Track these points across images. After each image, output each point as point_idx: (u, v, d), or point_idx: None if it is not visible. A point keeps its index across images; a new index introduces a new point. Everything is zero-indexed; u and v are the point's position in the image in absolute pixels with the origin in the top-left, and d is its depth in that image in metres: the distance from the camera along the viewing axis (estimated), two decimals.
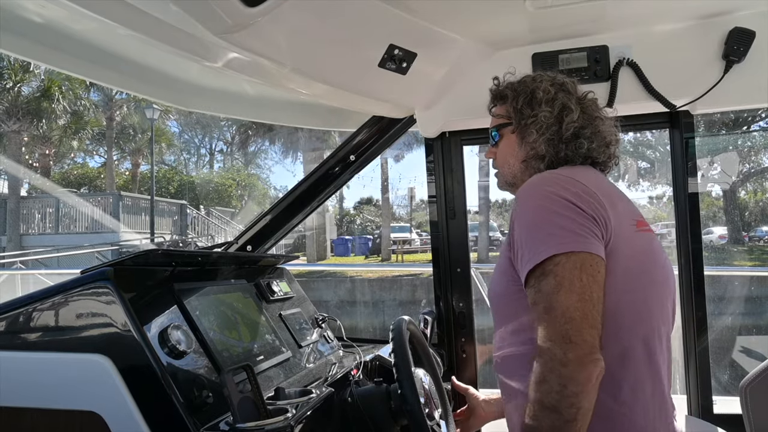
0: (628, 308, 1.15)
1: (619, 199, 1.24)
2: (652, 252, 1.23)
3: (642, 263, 1.19)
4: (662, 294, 1.23)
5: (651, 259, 1.22)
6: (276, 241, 2.31)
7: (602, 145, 1.36)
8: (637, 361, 1.16)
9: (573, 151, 1.35)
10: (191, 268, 1.56)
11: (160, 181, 27.76)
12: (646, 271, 1.20)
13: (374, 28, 1.71)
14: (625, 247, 1.15)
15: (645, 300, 1.18)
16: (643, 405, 1.15)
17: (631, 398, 1.14)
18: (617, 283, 1.12)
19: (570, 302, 1.04)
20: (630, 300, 1.15)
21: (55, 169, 26.63)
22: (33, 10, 1.60)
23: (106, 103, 24.52)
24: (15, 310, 1.26)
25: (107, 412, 1.15)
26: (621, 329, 1.14)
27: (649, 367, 1.17)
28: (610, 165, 1.41)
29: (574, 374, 1.00)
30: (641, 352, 1.16)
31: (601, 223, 1.12)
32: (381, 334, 8.27)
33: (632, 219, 1.22)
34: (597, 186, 1.20)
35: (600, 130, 1.37)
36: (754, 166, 20.35)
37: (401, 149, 25.72)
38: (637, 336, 1.16)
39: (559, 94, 1.38)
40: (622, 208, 1.21)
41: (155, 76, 2.04)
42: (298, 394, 1.37)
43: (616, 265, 1.13)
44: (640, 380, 1.16)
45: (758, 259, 18.32)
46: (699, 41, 1.85)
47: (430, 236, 2.29)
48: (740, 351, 5.65)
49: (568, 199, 1.13)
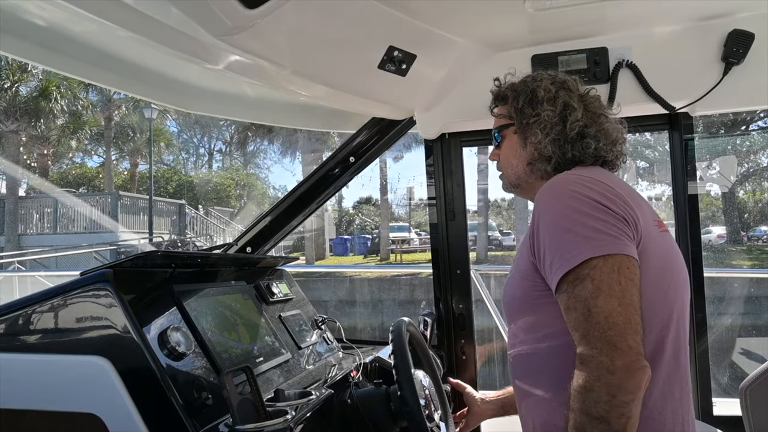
0: (658, 309, 1.13)
1: (640, 199, 1.22)
2: (673, 252, 1.23)
3: (667, 264, 1.17)
4: (683, 295, 1.22)
5: (673, 260, 1.21)
6: (275, 242, 2.31)
7: (609, 144, 1.34)
8: (666, 364, 1.13)
9: (580, 151, 1.32)
10: (191, 270, 1.56)
11: (158, 181, 27.74)
12: (670, 271, 1.18)
13: (374, 29, 1.71)
14: (654, 247, 1.13)
15: (672, 301, 1.16)
16: (672, 409, 1.13)
17: (661, 403, 1.11)
18: (649, 284, 1.09)
19: (611, 307, 1.01)
20: (661, 301, 1.13)
21: (53, 169, 26.62)
22: (33, 12, 1.60)
23: (105, 103, 24.50)
24: (14, 312, 1.26)
25: (107, 414, 1.15)
26: (652, 331, 1.11)
27: (676, 370, 1.15)
28: (618, 164, 1.39)
29: (623, 383, 0.97)
30: (669, 354, 1.14)
31: (631, 223, 1.10)
32: (380, 334, 8.26)
33: (654, 219, 1.21)
34: (620, 186, 1.18)
35: (605, 127, 1.34)
36: (753, 166, 20.38)
37: (400, 150, 25.77)
38: (667, 338, 1.13)
39: (560, 92, 1.35)
40: (646, 209, 1.20)
41: (155, 78, 2.04)
42: (298, 395, 1.37)
43: (648, 266, 1.10)
44: (668, 384, 1.13)
45: (757, 258, 18.33)
46: (698, 43, 1.85)
47: (430, 238, 2.29)
48: (740, 353, 5.66)
49: (597, 199, 1.10)
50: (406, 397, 1.33)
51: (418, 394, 1.36)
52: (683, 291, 1.23)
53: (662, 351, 1.13)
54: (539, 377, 1.25)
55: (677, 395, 1.15)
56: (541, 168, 1.38)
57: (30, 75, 20.80)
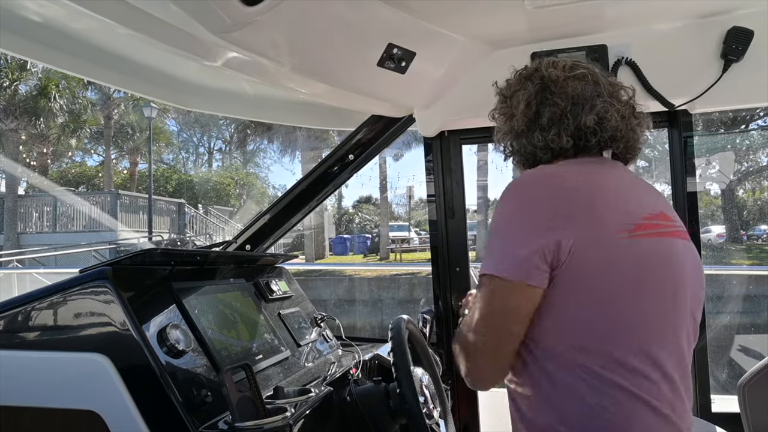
0: (610, 322, 1.09)
1: (612, 201, 1.14)
2: (653, 257, 1.12)
3: (629, 271, 1.09)
4: (668, 302, 1.13)
5: (650, 265, 1.11)
6: (275, 240, 2.31)
7: (578, 129, 1.22)
8: (635, 373, 1.08)
9: (555, 143, 1.24)
10: (190, 268, 1.56)
11: (158, 180, 27.71)
12: (639, 278, 1.10)
13: (373, 27, 1.71)
14: (603, 257, 1.08)
15: (641, 309, 1.10)
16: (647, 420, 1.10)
17: (632, 414, 1.09)
18: (586, 297, 1.08)
19: (480, 324, 1.13)
20: (609, 313, 1.09)
21: (53, 168, 26.58)
22: (32, 9, 1.60)
23: (104, 102, 24.44)
24: (14, 309, 1.26)
25: (106, 411, 1.15)
26: (608, 342, 1.09)
27: (652, 382, 1.10)
28: (608, 147, 1.26)
29: (471, 383, 1.21)
30: (640, 364, 1.09)
31: (548, 246, 1.07)
32: (380, 332, 8.26)
33: (626, 224, 1.10)
34: (577, 191, 1.12)
35: (565, 109, 1.23)
36: (753, 164, 20.38)
37: (400, 148, 25.75)
38: (630, 348, 1.09)
39: (526, 83, 1.31)
40: (611, 216, 1.11)
41: (154, 75, 2.04)
42: (297, 393, 1.38)
43: (587, 278, 1.08)
44: (640, 394, 1.09)
45: (756, 257, 18.33)
46: (697, 40, 1.85)
47: (429, 235, 2.29)
48: (738, 350, 5.67)
49: (524, 215, 1.12)
50: (406, 394, 1.33)
51: (417, 392, 1.36)
52: (669, 298, 1.14)
53: (625, 362, 1.09)
54: (515, 374, 1.21)
55: (660, 406, 1.10)
56: (520, 163, 1.34)
57: (29, 73, 20.76)
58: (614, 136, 1.23)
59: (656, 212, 1.17)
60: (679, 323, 1.15)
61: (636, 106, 1.28)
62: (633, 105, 1.27)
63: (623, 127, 1.24)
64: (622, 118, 1.23)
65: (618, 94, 1.26)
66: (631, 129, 1.25)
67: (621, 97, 1.26)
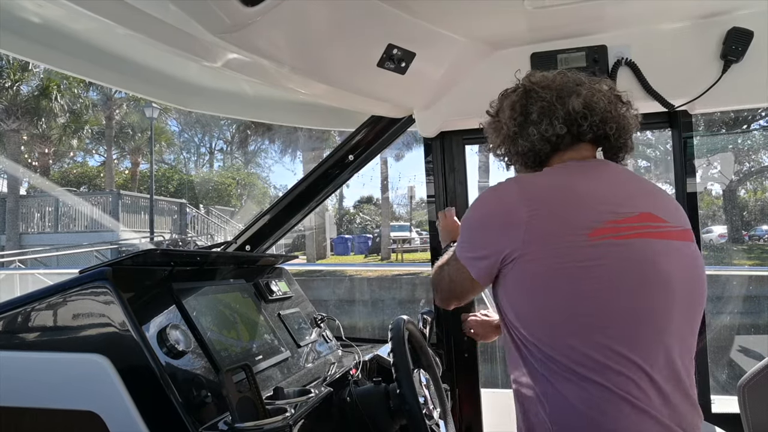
0: (566, 318, 1.15)
1: (574, 208, 1.18)
2: (620, 257, 1.15)
3: (587, 272, 1.14)
4: (640, 302, 1.14)
5: (614, 266, 1.14)
6: (275, 240, 2.31)
7: (567, 114, 1.28)
8: (607, 369, 1.11)
9: (549, 132, 1.29)
10: (190, 268, 1.56)
11: (159, 180, 27.73)
12: (600, 278, 1.13)
13: (373, 27, 1.71)
14: (560, 259, 1.15)
15: (596, 310, 1.14)
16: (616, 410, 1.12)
17: (605, 405, 1.13)
18: (542, 296, 1.17)
19: (449, 281, 1.42)
20: (566, 311, 1.15)
21: (54, 168, 26.62)
22: (31, 9, 1.60)
23: (105, 102, 24.48)
24: (13, 309, 1.26)
25: (106, 411, 1.15)
26: (570, 338, 1.14)
27: (629, 379, 1.11)
28: (602, 132, 1.30)
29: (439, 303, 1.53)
30: (608, 360, 1.11)
31: (491, 252, 1.23)
32: (380, 333, 8.27)
33: (587, 227, 1.14)
34: (535, 201, 1.19)
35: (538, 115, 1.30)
36: (754, 165, 20.36)
37: (400, 149, 25.75)
38: (596, 344, 1.13)
39: (510, 95, 1.41)
40: (569, 222, 1.16)
41: (154, 76, 2.04)
42: (297, 393, 1.38)
43: (540, 272, 1.16)
44: (615, 390, 1.11)
45: (758, 258, 18.30)
46: (697, 41, 1.85)
47: (429, 236, 2.29)
48: (738, 350, 5.66)
49: (479, 224, 1.29)
50: (405, 395, 1.33)
51: (417, 392, 1.36)
52: (645, 295, 1.15)
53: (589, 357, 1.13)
54: (512, 367, 1.29)
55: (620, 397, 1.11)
56: (524, 165, 1.40)
57: (31, 74, 20.80)
58: (605, 118, 1.28)
59: (635, 213, 1.18)
60: (662, 324, 1.14)
61: (620, 95, 1.35)
62: (616, 94, 1.34)
63: (611, 109, 1.29)
64: (609, 102, 1.30)
65: (599, 85, 1.33)
66: (620, 114, 1.31)
67: (602, 87, 1.32)
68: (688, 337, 1.19)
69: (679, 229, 1.23)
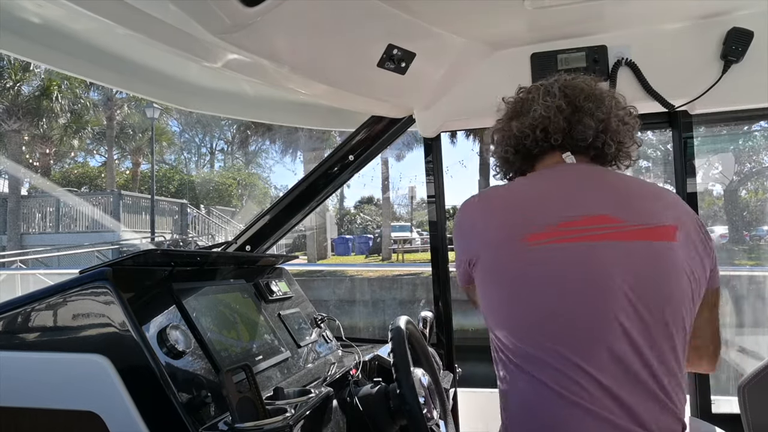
0: (512, 320, 1.22)
1: (522, 213, 1.24)
2: (561, 260, 1.18)
3: (528, 275, 1.19)
4: (579, 305, 1.16)
5: (554, 268, 1.18)
6: (275, 240, 2.31)
7: (522, 140, 1.37)
8: (554, 371, 1.13)
9: (509, 163, 1.43)
10: (190, 268, 1.56)
11: (160, 181, 27.75)
12: (541, 281, 1.18)
13: (373, 27, 1.71)
14: (502, 263, 1.23)
15: (536, 312, 1.18)
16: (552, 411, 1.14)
17: (534, 398, 1.17)
18: (496, 297, 1.25)
19: None
20: (512, 313, 1.22)
21: (55, 168, 26.64)
22: (31, 9, 1.60)
23: (106, 103, 24.48)
24: (13, 310, 1.26)
25: (106, 412, 1.15)
26: (520, 341, 1.19)
27: (575, 382, 1.12)
28: (561, 144, 1.34)
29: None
30: (553, 360, 1.14)
31: (465, 256, 1.32)
32: (381, 333, 8.28)
33: (525, 236, 1.20)
34: (486, 211, 1.30)
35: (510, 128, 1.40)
36: (755, 165, 20.33)
37: (400, 149, 25.76)
38: (539, 345, 1.16)
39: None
40: (518, 226, 1.22)
41: (154, 76, 2.04)
42: (297, 394, 1.38)
43: (489, 277, 1.26)
44: (563, 393, 1.13)
45: (759, 258, 18.29)
46: (697, 41, 1.85)
47: (429, 236, 2.29)
48: (738, 351, 5.65)
49: (457, 234, 1.35)
50: (405, 395, 1.33)
51: (417, 392, 1.36)
52: (584, 298, 1.15)
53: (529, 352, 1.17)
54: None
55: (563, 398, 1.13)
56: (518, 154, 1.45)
57: (32, 74, 20.82)
58: (557, 128, 1.34)
59: (584, 216, 1.20)
60: (603, 324, 1.13)
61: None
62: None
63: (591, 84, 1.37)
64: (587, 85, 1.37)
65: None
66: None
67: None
68: (657, 338, 1.14)
69: (641, 228, 1.19)
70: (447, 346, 2.19)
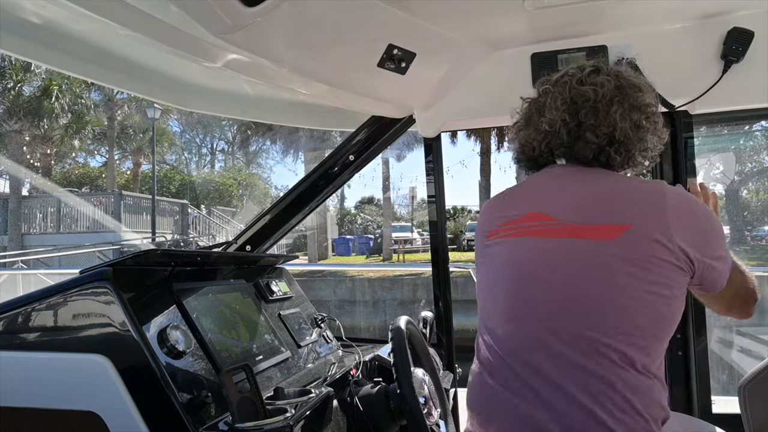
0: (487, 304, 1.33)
1: (494, 212, 1.37)
2: (497, 257, 1.31)
3: (491, 272, 1.33)
4: (509, 299, 1.26)
5: (492, 265, 1.33)
6: (275, 240, 2.31)
7: (530, 145, 1.39)
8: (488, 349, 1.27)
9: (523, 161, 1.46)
10: (190, 268, 1.56)
11: (161, 181, 27.78)
12: (488, 276, 1.33)
13: (373, 27, 1.71)
14: (483, 258, 1.36)
15: (486, 304, 1.32)
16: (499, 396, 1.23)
17: (476, 378, 1.30)
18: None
19: None
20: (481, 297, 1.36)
21: (56, 169, 26.65)
22: (33, 10, 1.60)
23: (107, 103, 24.49)
24: (14, 310, 1.26)
25: (106, 412, 1.15)
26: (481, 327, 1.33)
27: (511, 371, 1.21)
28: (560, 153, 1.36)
29: None
30: (489, 341, 1.27)
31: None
32: (382, 333, 8.27)
33: (489, 230, 1.35)
34: (493, 209, 1.39)
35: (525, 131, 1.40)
36: (756, 165, 20.31)
37: (401, 149, 25.76)
38: (490, 335, 1.28)
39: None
40: (487, 224, 1.37)
41: (155, 76, 2.04)
42: (297, 394, 1.38)
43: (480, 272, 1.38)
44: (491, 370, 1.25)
45: (760, 258, 18.29)
46: (698, 41, 1.85)
47: (430, 236, 2.29)
48: (739, 351, 5.65)
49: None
50: (406, 395, 1.33)
51: (417, 392, 1.36)
52: (512, 293, 1.25)
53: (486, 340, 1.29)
54: None
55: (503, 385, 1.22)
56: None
57: (33, 74, 20.83)
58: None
59: (525, 214, 1.29)
60: (531, 318, 1.20)
61: None
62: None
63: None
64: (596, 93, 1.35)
65: None
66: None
67: None
68: (573, 329, 1.16)
69: (574, 226, 1.21)
70: (447, 346, 2.19)
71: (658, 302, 1.15)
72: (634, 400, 1.11)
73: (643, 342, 1.14)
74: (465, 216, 29.65)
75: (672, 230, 1.16)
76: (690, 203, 1.22)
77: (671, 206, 1.18)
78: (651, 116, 1.30)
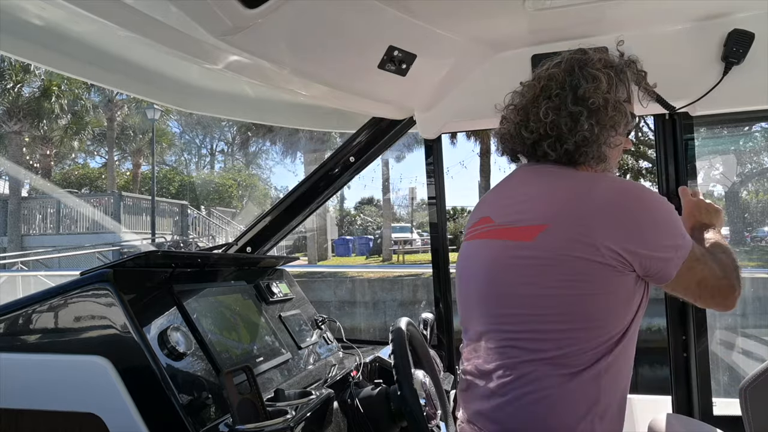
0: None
1: (470, 219, 1.47)
2: (468, 258, 1.42)
3: (460, 271, 1.46)
4: (464, 295, 1.42)
5: (462, 264, 1.44)
6: (276, 242, 2.31)
7: (520, 137, 1.38)
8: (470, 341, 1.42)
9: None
10: (191, 270, 1.56)
11: (161, 182, 27.77)
12: (460, 276, 1.46)
13: (374, 29, 1.71)
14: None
15: (464, 302, 1.44)
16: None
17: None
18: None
19: None
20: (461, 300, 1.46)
21: (56, 170, 26.65)
22: (33, 11, 1.60)
23: (107, 104, 24.50)
24: (14, 311, 1.26)
25: (107, 413, 1.15)
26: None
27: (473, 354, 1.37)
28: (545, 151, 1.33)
29: None
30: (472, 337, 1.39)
31: None
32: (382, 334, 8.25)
33: (466, 229, 1.48)
34: (472, 213, 1.48)
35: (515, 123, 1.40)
36: (756, 166, 20.31)
37: (401, 150, 25.75)
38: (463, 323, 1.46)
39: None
40: (468, 225, 1.47)
41: (155, 78, 2.04)
42: (298, 395, 1.38)
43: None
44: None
45: (760, 259, 18.28)
46: (698, 43, 1.85)
47: (430, 237, 2.29)
48: (740, 353, 5.64)
49: None
50: (406, 396, 1.33)
51: (418, 394, 1.36)
52: (466, 289, 1.41)
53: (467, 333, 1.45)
54: None
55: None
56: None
57: (32, 75, 20.82)
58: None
59: (484, 216, 1.39)
60: (468, 313, 1.41)
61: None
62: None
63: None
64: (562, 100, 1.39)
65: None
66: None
67: None
68: (499, 323, 1.29)
69: (502, 228, 1.30)
70: (448, 348, 2.18)
71: (570, 295, 1.19)
72: (539, 388, 1.21)
73: (558, 335, 1.21)
74: (465, 216, 29.64)
75: (593, 229, 1.16)
76: (622, 200, 1.20)
77: (596, 205, 1.19)
78: (597, 109, 1.29)
